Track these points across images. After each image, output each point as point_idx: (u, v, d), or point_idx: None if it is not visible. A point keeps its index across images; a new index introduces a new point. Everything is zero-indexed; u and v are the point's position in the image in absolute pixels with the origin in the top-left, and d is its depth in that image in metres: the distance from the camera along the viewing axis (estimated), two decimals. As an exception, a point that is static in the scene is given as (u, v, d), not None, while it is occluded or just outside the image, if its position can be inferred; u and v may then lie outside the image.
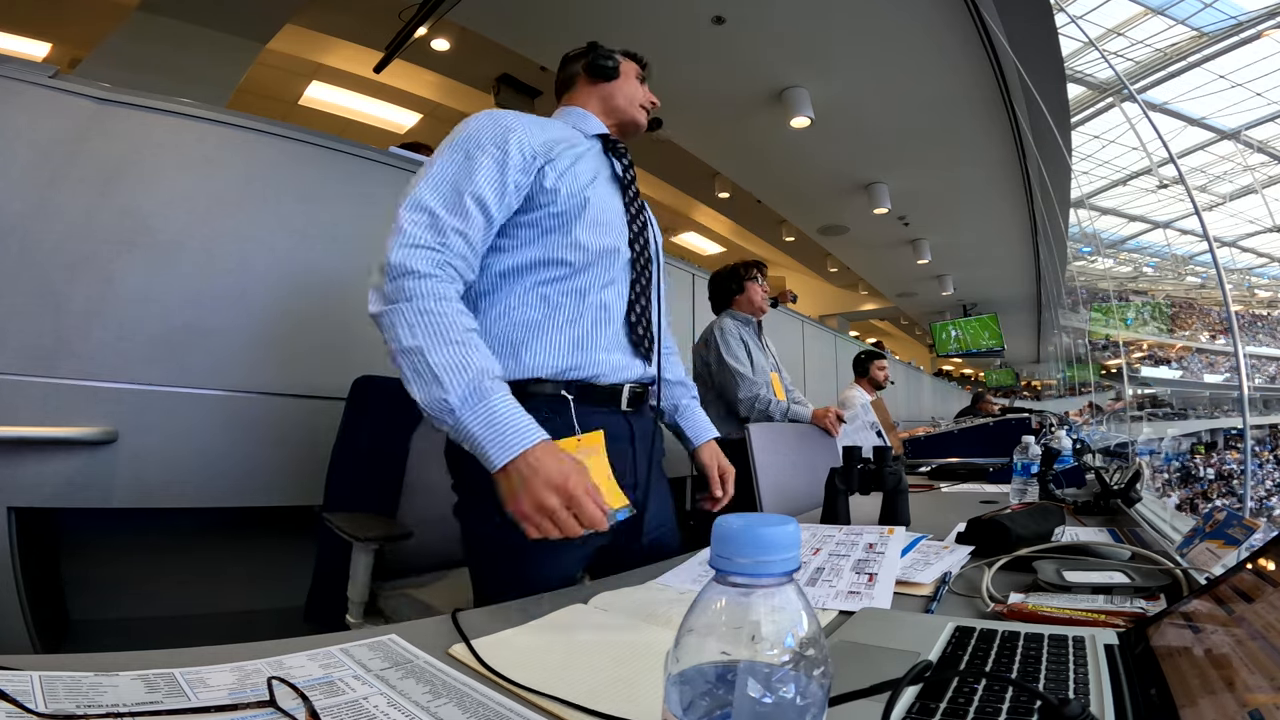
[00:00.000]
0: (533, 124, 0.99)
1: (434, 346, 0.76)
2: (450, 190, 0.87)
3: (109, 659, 0.48)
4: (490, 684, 0.50)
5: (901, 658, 0.54)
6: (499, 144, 0.91)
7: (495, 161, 0.90)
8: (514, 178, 0.91)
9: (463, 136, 0.92)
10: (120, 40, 3.38)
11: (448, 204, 0.86)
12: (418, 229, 0.83)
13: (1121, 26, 12.08)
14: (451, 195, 0.87)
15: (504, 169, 0.90)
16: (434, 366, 0.75)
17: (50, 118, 1.36)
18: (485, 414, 0.75)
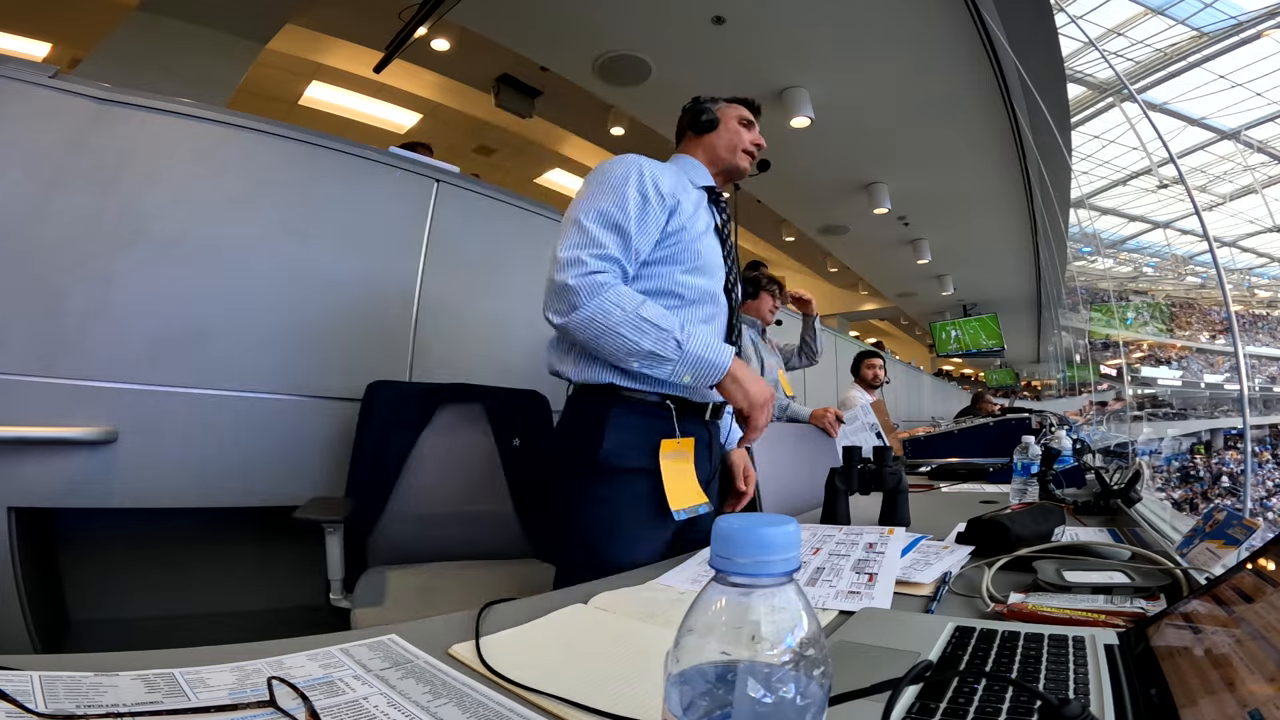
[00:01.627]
0: (660, 169, 1.11)
1: (644, 308, 0.96)
2: (609, 225, 1.01)
3: (109, 659, 0.48)
4: (490, 684, 0.50)
5: (901, 658, 0.54)
6: (640, 186, 1.05)
7: (642, 197, 1.04)
8: (656, 216, 1.05)
9: (612, 176, 1.05)
10: (120, 40, 3.38)
11: (611, 239, 1.00)
12: (594, 259, 0.98)
13: (1121, 26, 12.08)
14: (612, 230, 1.01)
15: (648, 207, 1.04)
16: (653, 320, 0.96)
17: (50, 118, 1.36)
18: (700, 341, 0.98)
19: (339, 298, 1.67)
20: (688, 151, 1.28)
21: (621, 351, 0.96)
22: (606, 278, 0.97)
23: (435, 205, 1.87)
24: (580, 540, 1.03)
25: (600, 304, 0.95)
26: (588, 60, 4.28)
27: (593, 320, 0.95)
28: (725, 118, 1.28)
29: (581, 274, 0.96)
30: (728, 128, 1.27)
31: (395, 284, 1.78)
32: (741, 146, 1.27)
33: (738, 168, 1.27)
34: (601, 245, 0.99)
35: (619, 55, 4.20)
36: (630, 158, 1.09)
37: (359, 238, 1.73)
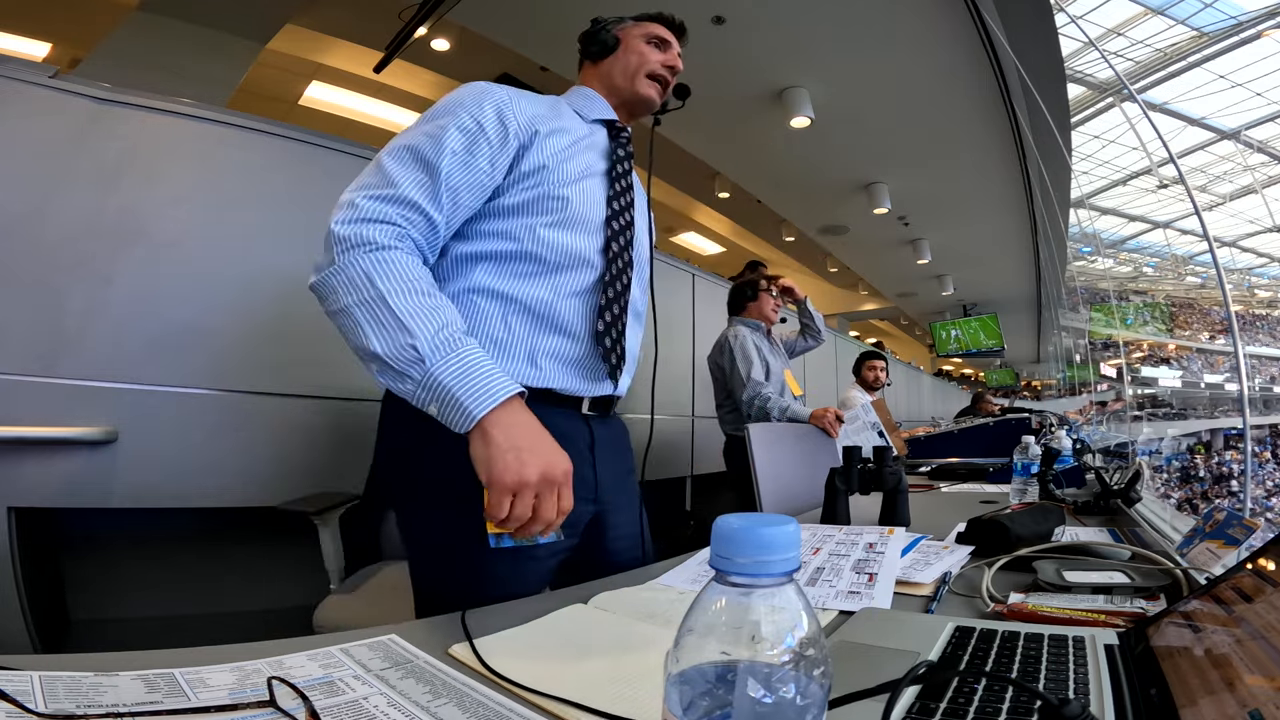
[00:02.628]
0: (524, 99, 0.89)
1: (398, 293, 0.68)
2: (413, 161, 0.77)
3: (109, 659, 0.48)
4: (490, 684, 0.50)
5: (901, 658, 0.54)
6: (475, 114, 0.82)
7: (466, 133, 0.80)
8: (492, 151, 0.82)
9: (439, 107, 0.84)
10: (120, 40, 3.38)
11: (410, 177, 0.76)
12: (373, 202, 0.73)
13: (1121, 26, 12.08)
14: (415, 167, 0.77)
15: (477, 142, 0.80)
16: (398, 312, 0.66)
17: (50, 118, 1.36)
18: (458, 362, 0.66)
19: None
20: (585, 82, 1.08)
21: (352, 346, 0.70)
22: (379, 231, 0.71)
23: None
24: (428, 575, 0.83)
25: (347, 266, 0.69)
26: (588, 60, 4.28)
27: (332, 289, 0.70)
28: (627, 38, 1.06)
29: (350, 219, 0.71)
30: (628, 49, 1.05)
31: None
32: (646, 70, 1.03)
33: (642, 97, 1.04)
34: (392, 184, 0.74)
35: (619, 55, 4.20)
36: (481, 84, 0.87)
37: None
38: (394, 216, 0.74)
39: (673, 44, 1.08)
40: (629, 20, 1.09)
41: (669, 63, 1.06)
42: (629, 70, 1.04)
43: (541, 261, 0.85)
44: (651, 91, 1.05)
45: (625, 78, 1.04)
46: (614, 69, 1.05)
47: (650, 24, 1.08)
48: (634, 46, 1.05)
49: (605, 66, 1.06)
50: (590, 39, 1.08)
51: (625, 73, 1.04)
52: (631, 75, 1.04)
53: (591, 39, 1.07)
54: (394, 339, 0.67)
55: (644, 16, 1.10)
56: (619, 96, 1.05)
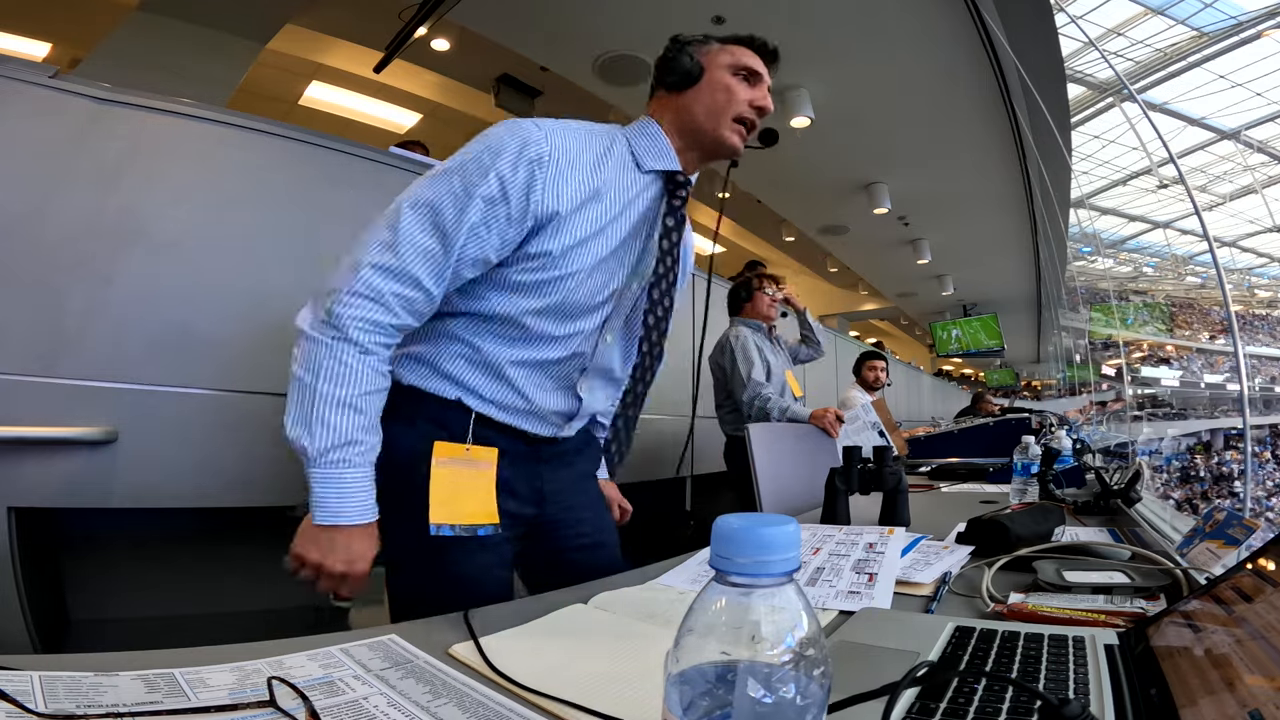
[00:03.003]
0: (566, 157, 0.79)
1: (329, 400, 0.73)
2: (431, 227, 0.76)
3: (109, 659, 0.48)
4: (490, 684, 0.50)
5: (901, 658, 0.54)
6: (506, 176, 0.76)
7: (489, 203, 0.76)
8: (501, 228, 0.78)
9: (476, 154, 0.78)
10: (120, 40, 3.38)
11: (421, 246, 0.76)
12: (375, 274, 0.75)
13: (1121, 26, 12.08)
14: (430, 233, 0.76)
15: (495, 212, 0.77)
16: (311, 416, 0.73)
17: (50, 118, 1.36)
18: (335, 480, 0.74)
19: (339, 298, 1.67)
20: (655, 114, 0.92)
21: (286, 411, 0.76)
22: (360, 330, 0.73)
23: (435, 205, 1.87)
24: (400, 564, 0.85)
25: (317, 346, 0.73)
26: (588, 60, 4.28)
27: (300, 351, 0.75)
28: (712, 67, 0.91)
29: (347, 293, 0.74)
30: (714, 83, 0.90)
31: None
32: (733, 112, 0.89)
33: (725, 145, 0.90)
34: (400, 254, 0.75)
35: (619, 55, 4.20)
36: (525, 131, 0.78)
37: (359, 238, 1.73)
38: (389, 299, 0.75)
39: (764, 77, 0.93)
40: (714, 43, 0.93)
41: (759, 103, 0.91)
42: (714, 110, 0.89)
43: (525, 333, 0.83)
44: (736, 139, 0.90)
45: (708, 118, 0.89)
46: (695, 105, 0.90)
47: (740, 50, 0.93)
48: (720, 80, 0.90)
49: (685, 100, 0.90)
50: (669, 66, 0.90)
51: (709, 113, 0.89)
52: (716, 117, 0.89)
53: (670, 66, 0.90)
54: (295, 431, 0.74)
55: (733, 39, 0.94)
56: (695, 139, 0.90)
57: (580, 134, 0.83)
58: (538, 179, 0.77)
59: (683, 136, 0.90)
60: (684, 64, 0.90)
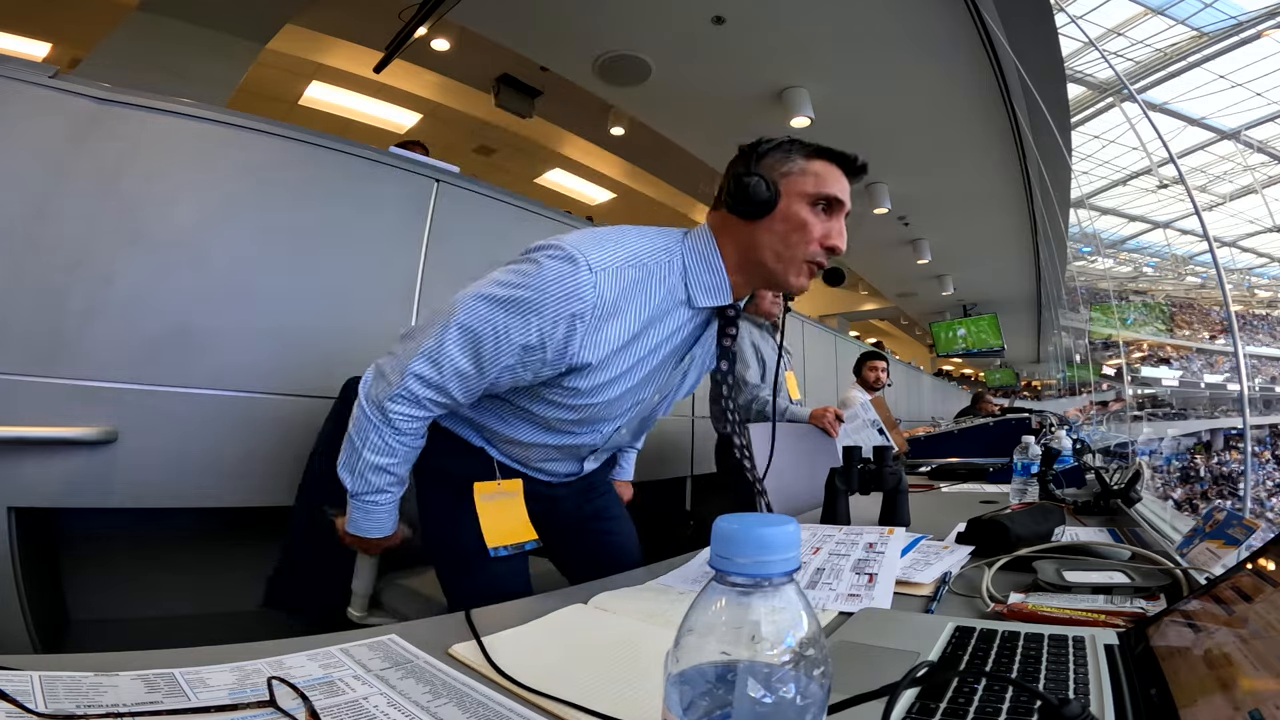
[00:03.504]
0: (611, 307, 0.78)
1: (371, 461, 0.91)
2: (470, 353, 0.82)
3: (109, 659, 0.48)
4: (490, 684, 0.50)
5: (901, 658, 0.54)
6: (545, 330, 0.77)
7: (528, 350, 0.80)
8: (535, 368, 0.82)
9: (524, 292, 0.78)
10: (120, 40, 3.37)
11: (457, 367, 0.82)
12: (417, 384, 0.85)
13: (1121, 26, 12.08)
14: (467, 358, 0.82)
15: (531, 356, 0.80)
16: (356, 467, 0.92)
17: (50, 118, 1.35)
18: (367, 510, 0.95)
19: (339, 297, 1.67)
20: (718, 233, 0.84)
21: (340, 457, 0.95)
22: (403, 418, 0.87)
23: (435, 205, 1.87)
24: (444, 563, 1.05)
25: (365, 428, 0.89)
26: (588, 60, 4.28)
27: (353, 428, 0.92)
28: (790, 195, 0.80)
29: (392, 396, 0.85)
30: (789, 218, 0.80)
31: (395, 284, 1.78)
32: (805, 255, 0.81)
33: (788, 285, 0.83)
34: (440, 369, 0.83)
35: (619, 55, 4.20)
36: (581, 266, 0.76)
37: (359, 237, 1.73)
38: (426, 403, 0.86)
39: (845, 205, 0.83)
40: (798, 157, 0.82)
41: (830, 242, 0.81)
42: (786, 250, 0.81)
43: (549, 426, 0.94)
44: (804, 280, 0.83)
45: (776, 258, 0.81)
46: (763, 241, 0.81)
47: (825, 171, 0.82)
48: (796, 214, 0.80)
49: (753, 232, 0.81)
50: (743, 193, 0.79)
51: (777, 254, 0.81)
52: (788, 258, 0.81)
53: (744, 193, 0.79)
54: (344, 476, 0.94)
55: (820, 151, 0.83)
56: (757, 275, 0.84)
57: (633, 270, 0.79)
58: (577, 332, 0.78)
59: (743, 271, 0.84)
60: (759, 193, 0.79)
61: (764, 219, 0.81)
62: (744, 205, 0.80)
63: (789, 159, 0.82)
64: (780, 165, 0.82)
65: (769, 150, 0.83)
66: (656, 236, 0.85)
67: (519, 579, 1.00)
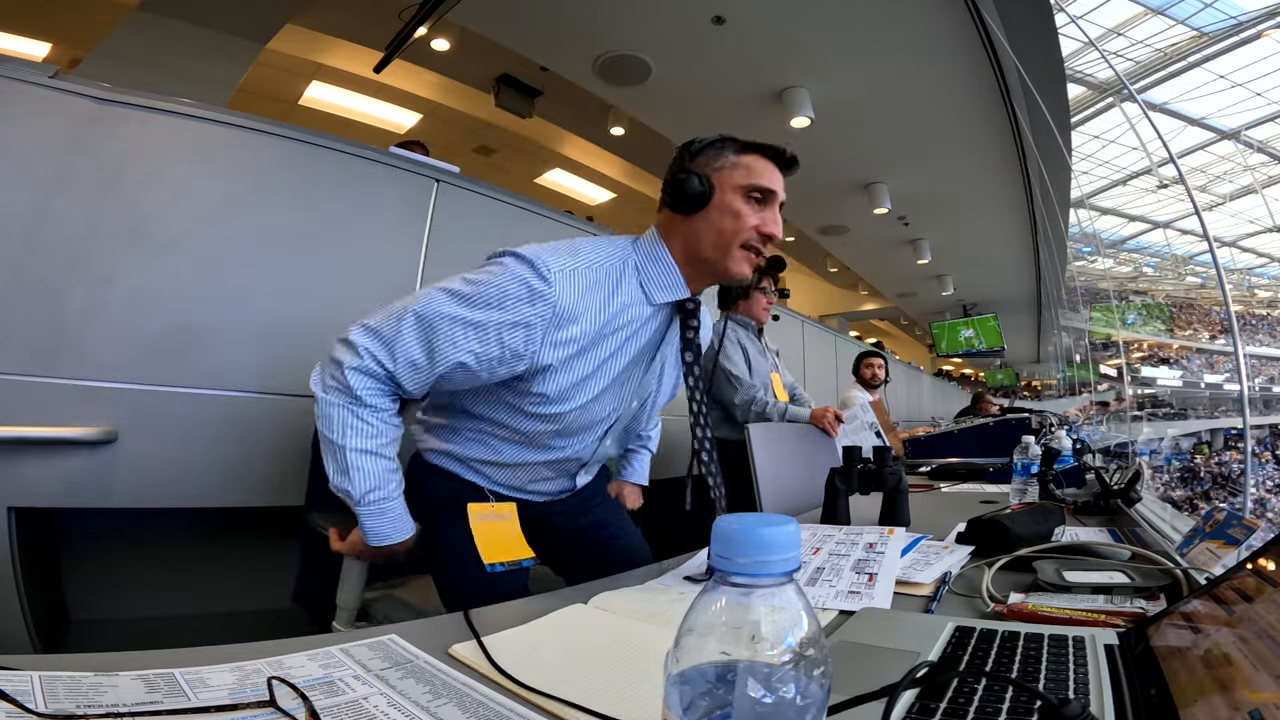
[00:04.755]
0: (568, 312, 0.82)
1: (356, 447, 0.85)
2: (423, 345, 0.83)
3: (109, 659, 0.48)
4: (490, 684, 0.50)
5: (901, 658, 0.54)
6: (503, 335, 0.81)
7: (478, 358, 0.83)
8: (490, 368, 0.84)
9: (482, 289, 0.83)
10: (120, 40, 3.37)
11: (409, 358, 0.84)
12: (370, 359, 0.84)
13: (1121, 26, 12.08)
14: (420, 348, 0.84)
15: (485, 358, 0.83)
16: (350, 465, 0.85)
17: (50, 118, 1.35)
18: (379, 515, 0.88)
19: (339, 297, 1.67)
20: (664, 234, 0.90)
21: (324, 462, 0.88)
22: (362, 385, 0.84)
23: (435, 205, 1.87)
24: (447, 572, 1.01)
25: (329, 414, 0.85)
26: (588, 60, 4.28)
27: (319, 425, 0.86)
28: (723, 188, 0.86)
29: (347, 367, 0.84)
30: (723, 207, 0.86)
31: (395, 284, 1.78)
32: (741, 239, 0.86)
33: (732, 274, 0.88)
34: (393, 356, 0.84)
35: (619, 55, 4.20)
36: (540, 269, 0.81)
37: (359, 237, 1.73)
38: (385, 380, 0.86)
39: (777, 195, 0.89)
40: (729, 152, 0.88)
41: (767, 229, 0.87)
42: (721, 239, 0.86)
43: (531, 441, 0.95)
44: (745, 266, 0.88)
45: (714, 247, 0.87)
46: (702, 233, 0.87)
47: (756, 164, 0.88)
48: (729, 204, 0.86)
49: (693, 226, 0.87)
50: (677, 189, 0.87)
51: (715, 242, 0.87)
52: (724, 247, 0.87)
53: (679, 189, 0.86)
54: (338, 480, 0.87)
55: (750, 146, 0.89)
56: (703, 267, 0.89)
57: (590, 273, 0.85)
58: (535, 332, 0.82)
59: (690, 264, 0.89)
60: (692, 187, 0.86)
61: (701, 212, 0.87)
62: (682, 201, 0.87)
63: (721, 154, 0.89)
64: (714, 161, 0.89)
65: (702, 148, 0.90)
66: (608, 244, 0.91)
67: (517, 586, 0.97)
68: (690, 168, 0.88)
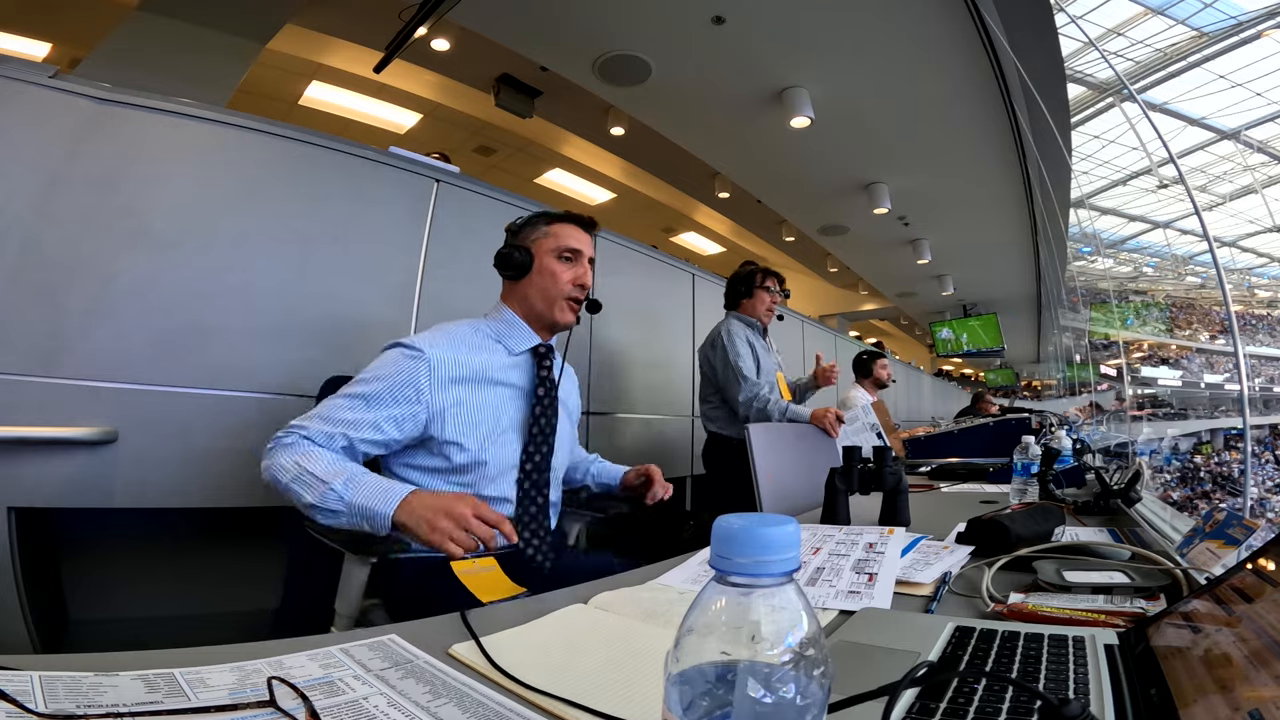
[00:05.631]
0: (443, 368, 1.01)
1: (313, 463, 0.90)
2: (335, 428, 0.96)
3: (109, 659, 0.48)
4: (490, 684, 0.50)
5: (901, 658, 0.54)
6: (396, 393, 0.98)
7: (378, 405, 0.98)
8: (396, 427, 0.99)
9: (369, 372, 1.00)
10: (120, 40, 3.37)
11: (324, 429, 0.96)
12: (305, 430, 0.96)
13: (1121, 26, 12.07)
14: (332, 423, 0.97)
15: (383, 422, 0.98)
16: (316, 474, 0.89)
17: (50, 118, 1.35)
18: (365, 486, 0.88)
19: (339, 297, 1.67)
20: (506, 300, 1.15)
21: (301, 508, 0.91)
22: (294, 437, 0.94)
23: (435, 205, 1.87)
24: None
25: (274, 461, 0.92)
26: (588, 60, 4.28)
27: (274, 479, 0.91)
28: (540, 254, 1.11)
29: (279, 434, 0.95)
30: (542, 270, 1.10)
31: (395, 284, 1.78)
32: (563, 294, 1.11)
33: (558, 324, 1.12)
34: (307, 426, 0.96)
35: (619, 55, 4.19)
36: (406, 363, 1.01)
37: (359, 237, 1.73)
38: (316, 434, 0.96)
39: (583, 252, 1.13)
40: (541, 225, 1.12)
41: (580, 281, 1.11)
42: (546, 296, 1.11)
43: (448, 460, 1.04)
44: (569, 314, 1.12)
45: (542, 302, 1.11)
46: (530, 292, 1.11)
47: (562, 231, 1.12)
48: (546, 266, 1.10)
49: (523, 289, 1.12)
50: (505, 262, 1.11)
51: (542, 298, 1.11)
52: (549, 302, 1.11)
53: (506, 262, 1.11)
54: (319, 490, 0.88)
55: (554, 216, 1.13)
56: (538, 320, 1.12)
57: (450, 339, 1.05)
58: (424, 387, 0.99)
59: (529, 320, 1.12)
60: (515, 259, 1.10)
61: (527, 276, 1.11)
62: (510, 270, 1.11)
63: (535, 228, 1.13)
64: (531, 234, 1.13)
65: (522, 226, 1.15)
66: (465, 322, 1.12)
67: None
68: (514, 243, 1.13)
